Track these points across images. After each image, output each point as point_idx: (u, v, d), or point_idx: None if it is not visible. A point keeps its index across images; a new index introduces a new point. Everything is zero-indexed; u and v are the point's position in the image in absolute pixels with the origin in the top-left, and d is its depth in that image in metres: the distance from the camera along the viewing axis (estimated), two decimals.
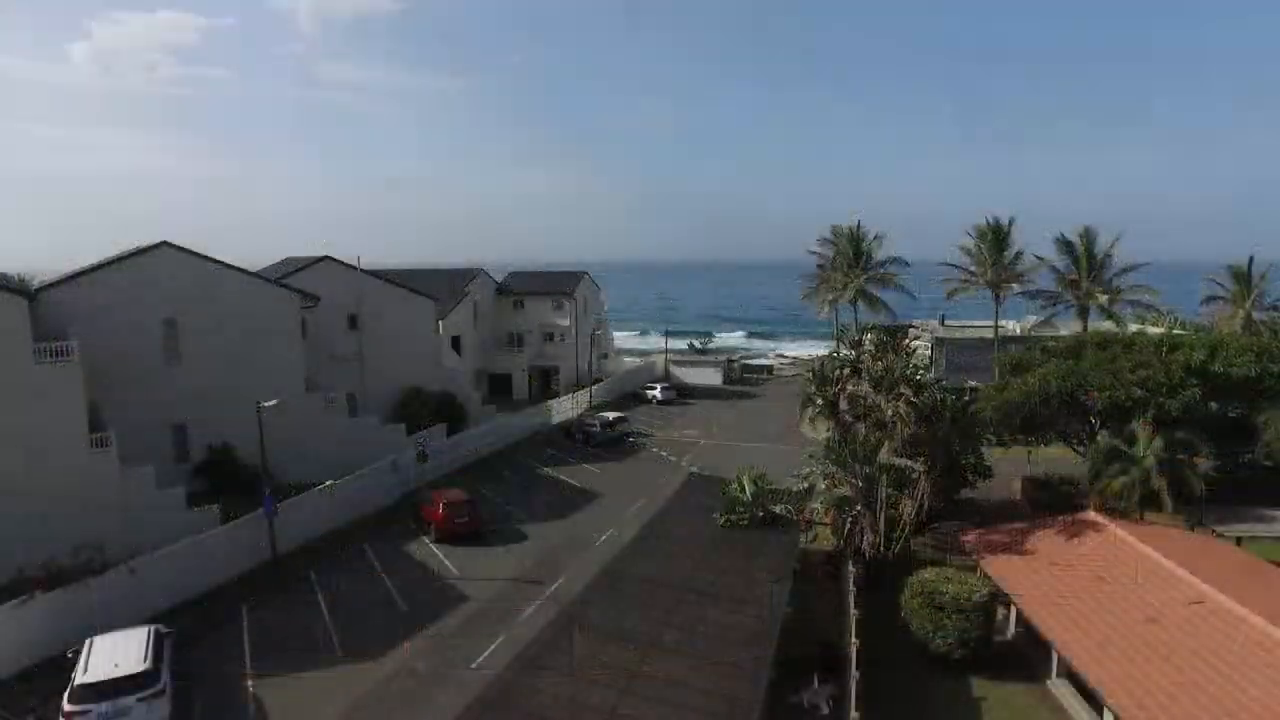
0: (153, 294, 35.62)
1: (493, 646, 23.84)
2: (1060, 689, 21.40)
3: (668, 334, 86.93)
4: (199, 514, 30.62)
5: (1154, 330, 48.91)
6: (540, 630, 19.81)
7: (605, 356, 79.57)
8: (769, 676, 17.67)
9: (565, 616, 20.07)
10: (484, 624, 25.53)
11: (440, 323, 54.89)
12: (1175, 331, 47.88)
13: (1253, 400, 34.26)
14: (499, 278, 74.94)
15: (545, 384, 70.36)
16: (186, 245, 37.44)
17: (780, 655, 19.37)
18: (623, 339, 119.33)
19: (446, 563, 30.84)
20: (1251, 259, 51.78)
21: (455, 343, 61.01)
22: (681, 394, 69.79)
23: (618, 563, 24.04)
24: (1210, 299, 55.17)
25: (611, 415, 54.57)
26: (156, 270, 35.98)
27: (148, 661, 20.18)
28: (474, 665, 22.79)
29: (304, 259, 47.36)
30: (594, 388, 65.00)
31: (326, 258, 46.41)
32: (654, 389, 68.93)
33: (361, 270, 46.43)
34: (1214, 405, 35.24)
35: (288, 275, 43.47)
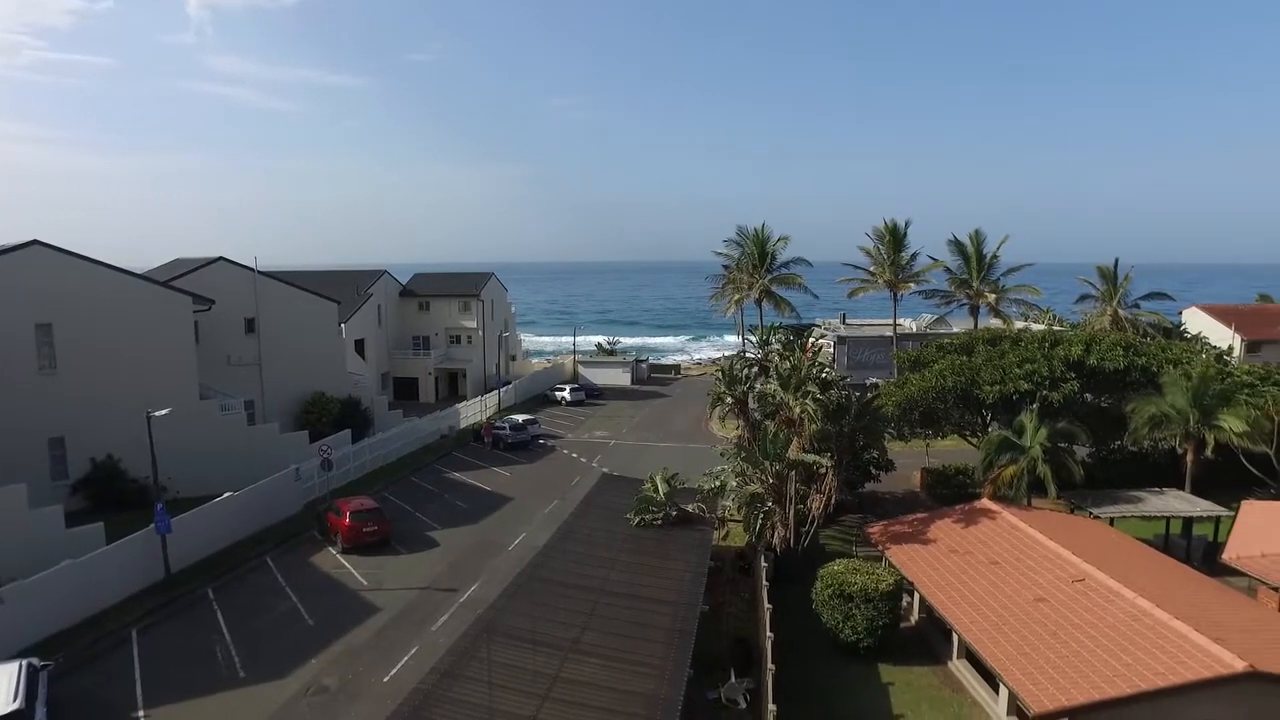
0: (22, 296, 33.10)
1: (406, 658, 23.28)
2: (961, 669, 22.51)
3: (576, 335, 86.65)
4: (80, 533, 28.44)
5: (1037, 327, 51.95)
6: (456, 639, 19.45)
7: (514, 358, 78.88)
8: (687, 674, 17.88)
9: (480, 623, 19.78)
10: (396, 635, 24.89)
11: (343, 326, 53.23)
12: (1055, 328, 50.98)
13: (1121, 391, 36.88)
14: (404, 279, 73.24)
15: (453, 387, 69.25)
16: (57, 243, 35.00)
17: (697, 652, 19.62)
18: (531, 340, 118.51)
19: (355, 573, 29.91)
20: (1116, 261, 55.70)
21: (359, 346, 59.32)
22: (591, 395, 69.90)
23: (532, 566, 23.83)
24: (1083, 298, 59.09)
25: (521, 417, 54.17)
26: (26, 271, 33.45)
27: (18, 700, 18.51)
28: (387, 678, 22.17)
29: (196, 260, 45.05)
30: (503, 390, 64.34)
31: (221, 259, 44.29)
32: (563, 390, 68.81)
33: (259, 272, 44.51)
34: (1089, 396, 37.78)
35: (178, 277, 41.26)
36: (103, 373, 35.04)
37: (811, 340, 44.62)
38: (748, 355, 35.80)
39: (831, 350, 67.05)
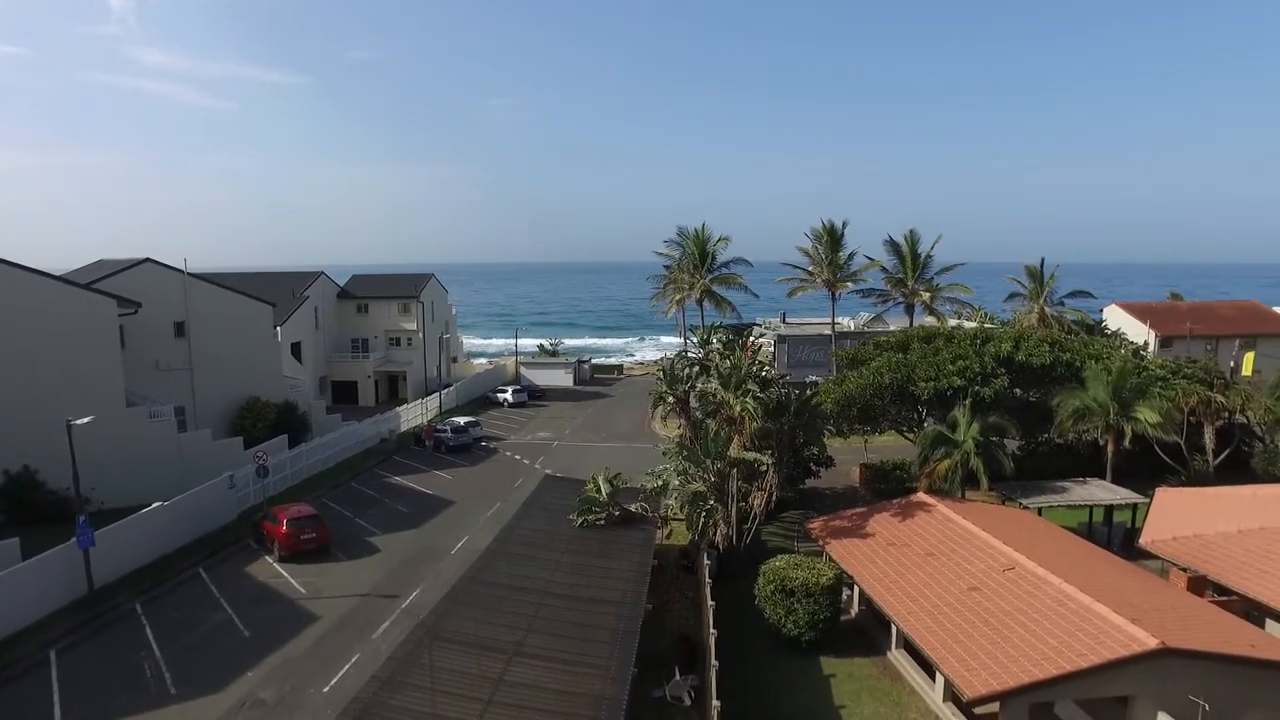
0: None
1: (347, 666, 22.85)
2: (900, 658, 23.10)
3: (518, 336, 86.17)
4: None
5: (969, 325, 53.55)
6: (397, 646, 19.15)
7: (455, 360, 78.00)
8: (632, 673, 17.97)
9: (422, 629, 19.53)
10: (336, 644, 24.39)
11: (279, 329, 51.92)
12: (986, 326, 52.67)
13: (1048, 386, 38.31)
14: (342, 281, 71.78)
15: (393, 390, 68.19)
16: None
17: (642, 651, 19.71)
18: (473, 343, 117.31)
19: (293, 582, 29.20)
20: (1043, 260, 57.88)
21: (295, 349, 57.94)
22: (533, 396, 69.63)
23: (475, 570, 23.62)
24: (1012, 296, 61.21)
25: (463, 420, 53.65)
26: None
27: None
28: (327, 689, 21.72)
29: (121, 261, 43.36)
30: (444, 392, 63.59)
31: (148, 260, 42.69)
32: (505, 392, 68.39)
33: (189, 274, 43.08)
34: (1018, 391, 39.16)
35: (102, 279, 39.66)
36: (18, 379, 33.53)
37: (752, 339, 45.07)
38: (689, 355, 36.03)
39: (771, 349, 67.98)
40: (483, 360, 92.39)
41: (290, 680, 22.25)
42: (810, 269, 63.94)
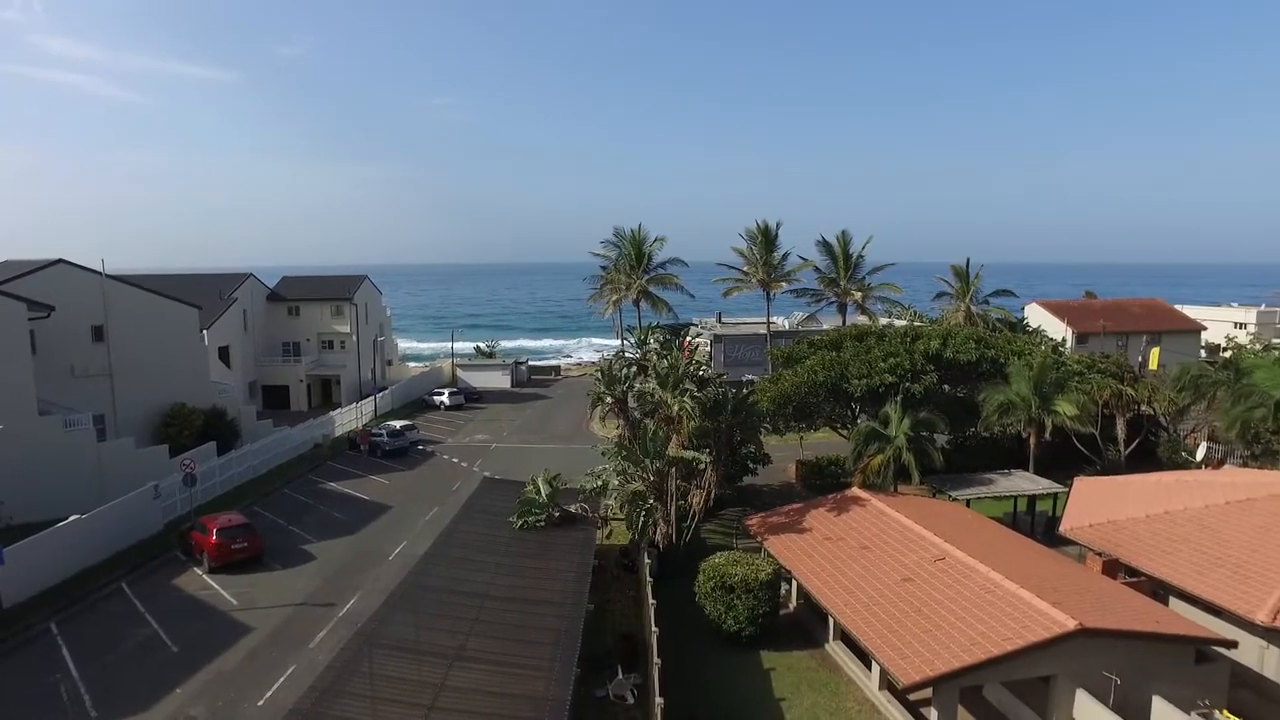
0: None
1: (282, 678, 22.29)
2: (837, 650, 23.69)
3: (454, 338, 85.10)
4: None
5: (899, 323, 55.06)
6: (335, 654, 18.80)
7: (390, 363, 76.70)
8: (575, 674, 18.02)
9: (361, 636, 19.22)
10: (271, 655, 23.77)
11: (205, 332, 50.20)
12: (915, 324, 54.23)
13: (974, 382, 39.73)
14: (271, 283, 69.81)
15: (326, 394, 66.68)
16: None
17: (584, 651, 19.80)
18: (409, 345, 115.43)
19: (224, 593, 28.32)
20: (968, 260, 59.89)
21: (223, 354, 56.14)
22: (470, 398, 68.96)
23: (414, 575, 23.35)
24: (940, 295, 63.17)
25: (399, 423, 52.83)
26: None
27: None
28: (262, 702, 21.17)
29: (31, 263, 41.26)
30: (379, 396, 62.47)
31: (60, 261, 40.76)
32: (442, 394, 67.55)
33: (107, 275, 41.31)
34: (946, 387, 40.50)
35: (9, 281, 37.71)
36: None
37: (689, 339, 45.67)
38: (627, 355, 36.22)
39: (708, 349, 68.73)
40: (418, 363, 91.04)
41: (223, 695, 21.60)
42: (745, 269, 64.81)
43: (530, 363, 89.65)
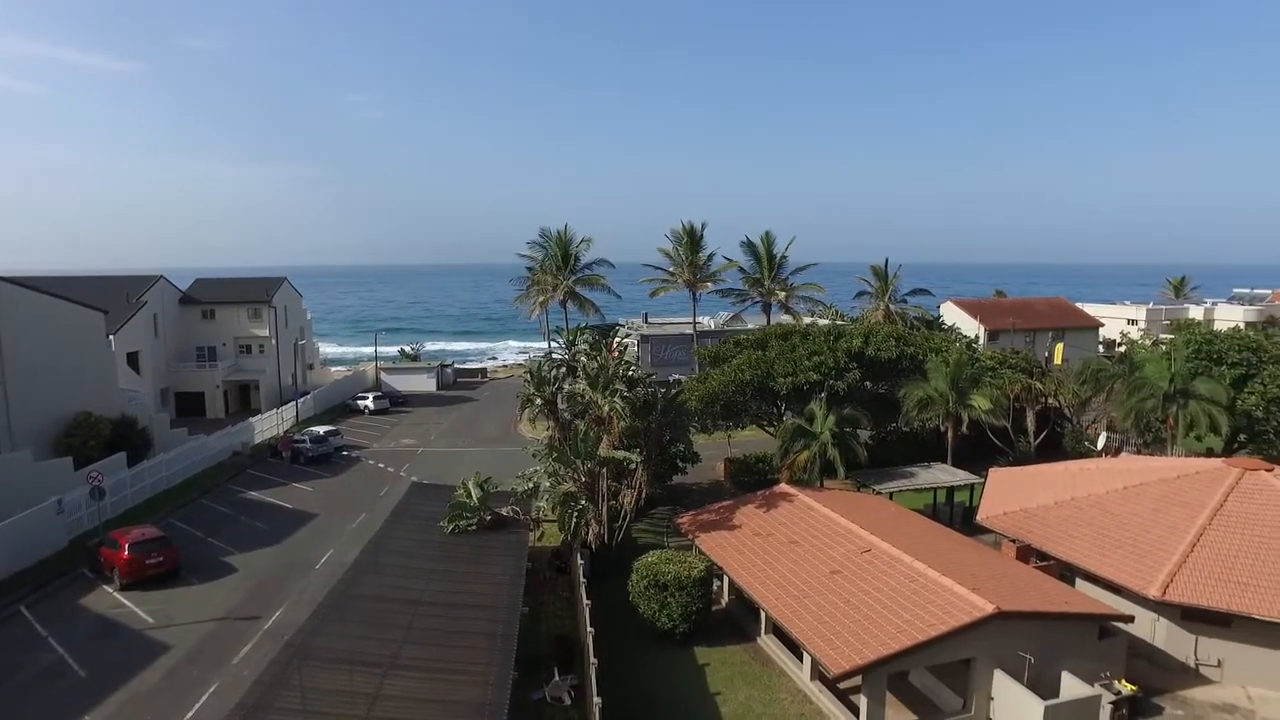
0: None
1: (205, 697, 21.51)
2: (769, 643, 24.22)
3: (378, 341, 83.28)
4: None
5: (823, 322, 56.50)
6: (263, 669, 18.27)
7: (311, 367, 74.61)
8: (512, 677, 17.97)
9: (290, 649, 18.72)
10: (191, 673, 22.86)
11: (112, 338, 47.87)
12: (838, 323, 55.76)
13: (895, 378, 41.14)
14: (184, 285, 66.95)
15: (244, 400, 64.41)
16: None
17: (520, 654, 19.73)
18: (332, 350, 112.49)
19: (138, 611, 27.05)
20: (887, 260, 61.89)
21: (132, 359, 53.65)
22: (395, 402, 67.70)
23: (343, 584, 22.82)
24: (860, 294, 65.09)
25: (322, 429, 51.44)
26: None
27: None
28: None
29: None
30: (301, 401, 60.69)
31: None
32: (365, 399, 66.12)
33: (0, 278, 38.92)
34: (869, 384, 41.80)
35: None
36: None
37: (617, 340, 45.81)
38: (555, 356, 36.19)
39: (635, 349, 69.12)
40: (341, 367, 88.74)
41: (138, 718, 20.69)
42: (671, 270, 65.50)
43: (456, 365, 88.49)
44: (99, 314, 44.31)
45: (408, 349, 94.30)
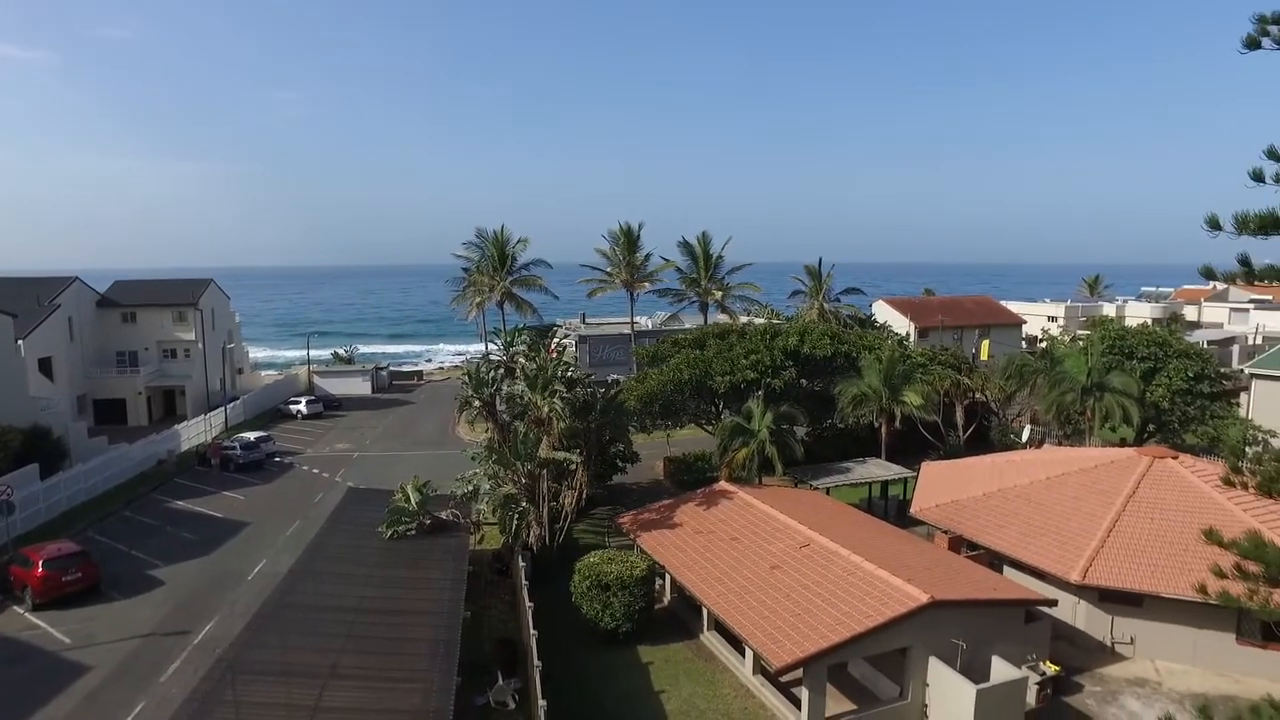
0: None
1: (129, 718, 20.69)
2: (712, 639, 24.50)
3: (310, 344, 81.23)
4: None
5: (759, 321, 57.32)
6: (194, 686, 17.67)
7: (240, 371, 72.35)
8: (455, 683, 17.79)
9: (222, 663, 18.17)
10: (114, 695, 21.87)
11: (21, 342, 45.56)
12: (774, 321, 56.66)
13: (830, 376, 42.03)
14: (102, 287, 64.06)
15: (169, 406, 62.05)
16: None
17: (463, 659, 19.54)
18: (264, 354, 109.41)
19: (53, 631, 25.72)
20: (820, 260, 63.09)
21: (45, 365, 51.09)
22: (329, 406, 66.23)
23: (278, 594, 22.27)
24: (795, 293, 66.22)
25: (253, 435, 49.96)
26: None
27: None
28: None
29: None
30: (229, 406, 58.81)
31: None
32: (298, 403, 64.51)
33: None
34: (805, 382, 42.59)
35: None
36: None
37: (555, 340, 45.69)
38: (493, 358, 35.93)
39: (573, 350, 69.00)
40: (272, 371, 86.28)
41: None
42: (609, 270, 65.59)
43: (391, 368, 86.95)
44: (7, 318, 42.21)
45: (341, 352, 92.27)
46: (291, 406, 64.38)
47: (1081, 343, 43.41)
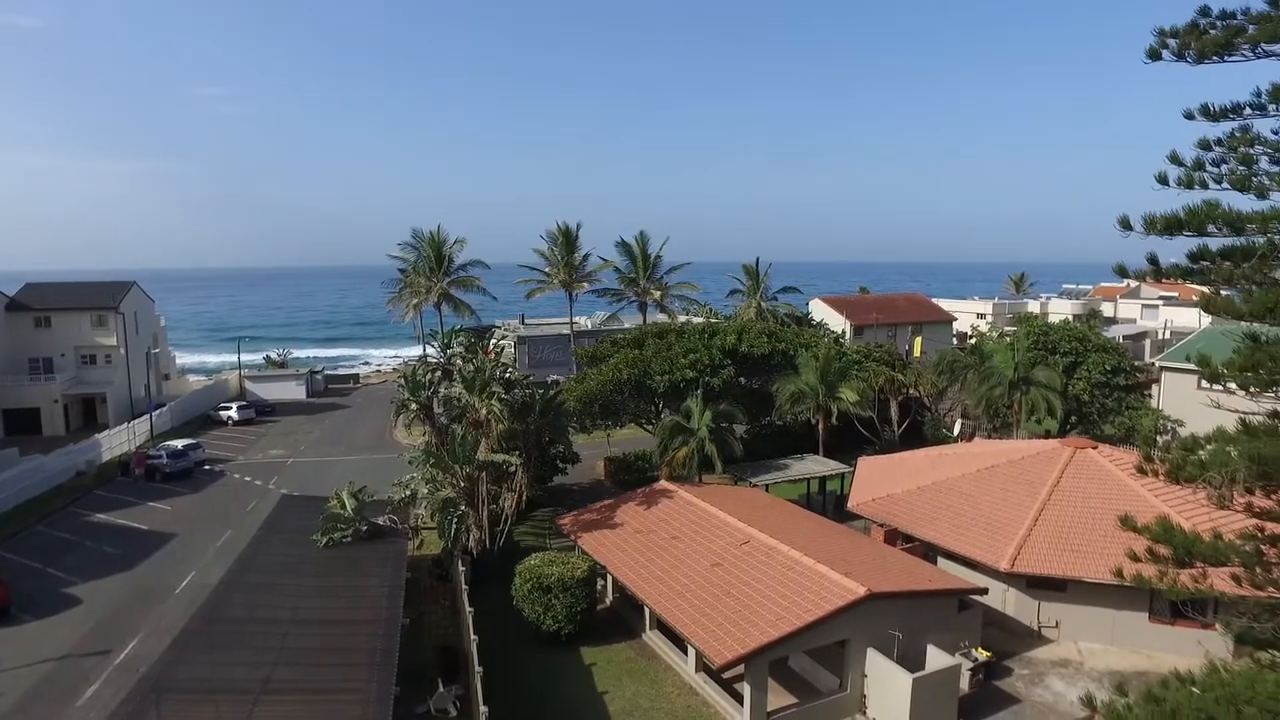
0: None
1: None
2: (654, 638, 24.59)
3: (240, 348, 78.74)
4: None
5: (698, 320, 57.70)
6: (114, 709, 16.90)
7: (167, 377, 69.72)
8: (394, 693, 17.45)
9: (146, 683, 17.44)
10: None
11: None
12: (712, 320, 57.13)
13: (768, 373, 42.58)
14: (11, 290, 60.92)
15: (89, 415, 59.35)
16: None
17: (403, 668, 19.20)
18: (193, 359, 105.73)
19: None
20: (758, 259, 63.88)
21: None
22: (261, 412, 64.28)
23: (207, 608, 21.50)
24: (733, 292, 66.89)
25: (180, 443, 48.14)
26: None
27: None
28: None
29: None
30: (156, 414, 56.54)
31: None
32: (229, 409, 62.45)
33: None
34: (743, 380, 43.07)
35: None
36: None
37: (493, 341, 45.39)
38: (430, 360, 35.40)
39: (512, 351, 68.44)
40: (201, 376, 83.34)
41: None
42: (548, 270, 65.23)
43: (326, 372, 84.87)
44: None
45: (274, 355, 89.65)
46: (222, 413, 62.31)
47: (1008, 339, 44.91)
